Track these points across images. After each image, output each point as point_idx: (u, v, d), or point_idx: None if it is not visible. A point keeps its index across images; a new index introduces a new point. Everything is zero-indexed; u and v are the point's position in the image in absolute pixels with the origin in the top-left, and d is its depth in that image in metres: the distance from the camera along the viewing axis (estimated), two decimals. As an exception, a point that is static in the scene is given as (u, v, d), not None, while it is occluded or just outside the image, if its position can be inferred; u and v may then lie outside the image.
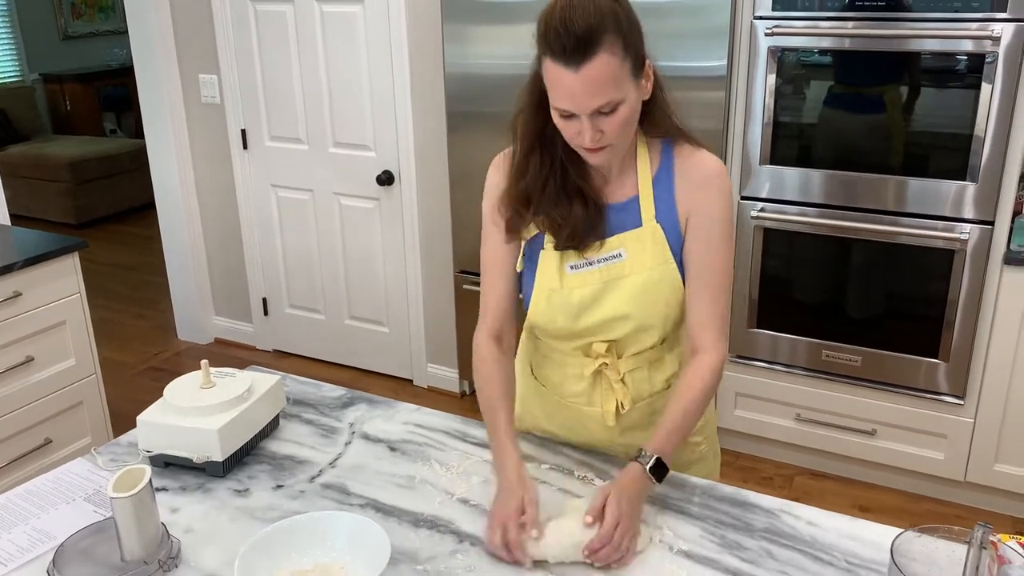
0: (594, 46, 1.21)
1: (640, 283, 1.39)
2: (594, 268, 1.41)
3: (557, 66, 1.24)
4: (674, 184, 1.40)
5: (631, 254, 1.40)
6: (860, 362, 2.84)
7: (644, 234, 1.39)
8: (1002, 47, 2.39)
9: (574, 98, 1.25)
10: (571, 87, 1.24)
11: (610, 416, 1.50)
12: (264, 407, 1.58)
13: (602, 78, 1.23)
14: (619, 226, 1.41)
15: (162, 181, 4.03)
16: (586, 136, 1.27)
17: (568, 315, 1.43)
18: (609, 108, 1.26)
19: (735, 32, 2.70)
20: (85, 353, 2.86)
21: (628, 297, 1.40)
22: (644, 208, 1.40)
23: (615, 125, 1.28)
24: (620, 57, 1.24)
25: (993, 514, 2.80)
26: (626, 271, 1.40)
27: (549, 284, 1.43)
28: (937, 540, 1.13)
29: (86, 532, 1.28)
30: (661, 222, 1.40)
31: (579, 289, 1.41)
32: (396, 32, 3.29)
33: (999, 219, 2.54)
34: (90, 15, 7.70)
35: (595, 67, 1.22)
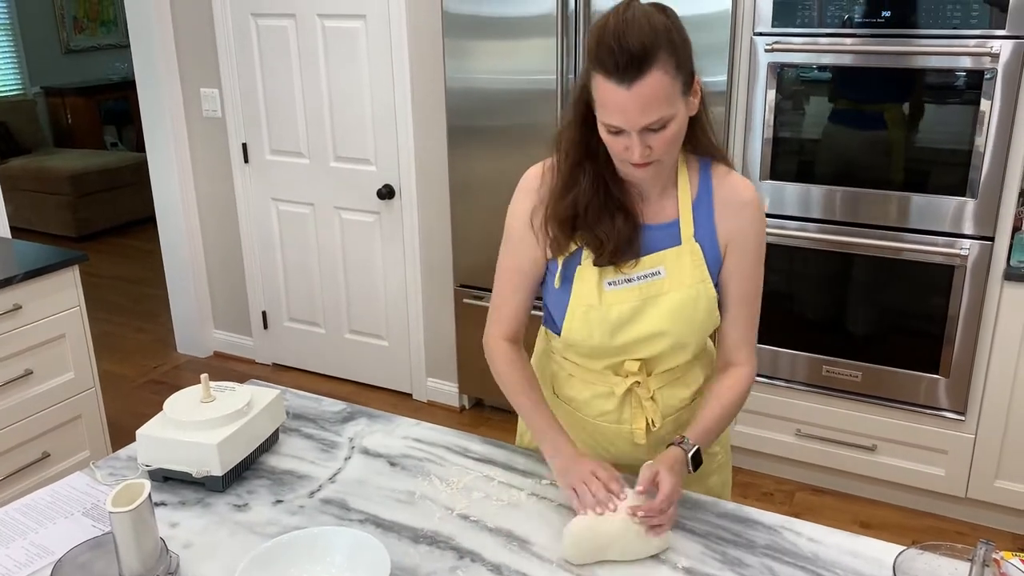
0: (647, 64, 1.22)
1: (679, 300, 1.41)
2: (633, 285, 1.41)
3: (609, 83, 1.24)
4: (714, 209, 1.42)
5: (670, 272, 1.41)
6: (860, 377, 2.83)
7: (683, 252, 1.41)
8: (1001, 64, 2.40)
9: (625, 115, 1.25)
10: (623, 104, 1.24)
11: (640, 434, 1.51)
12: (264, 421, 1.57)
13: (654, 96, 1.23)
14: (659, 245, 1.42)
15: (163, 195, 4.03)
16: (635, 152, 1.27)
17: (605, 331, 1.43)
18: (659, 125, 1.27)
19: (735, 48, 2.71)
20: (84, 366, 2.86)
21: (666, 314, 1.41)
22: (684, 227, 1.41)
23: (664, 142, 1.29)
24: (672, 75, 1.25)
25: (994, 530, 2.79)
26: (665, 288, 1.41)
27: (587, 300, 1.42)
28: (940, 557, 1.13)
29: (84, 547, 1.27)
30: (700, 241, 1.42)
31: (617, 306, 1.42)
32: (397, 47, 3.31)
33: (999, 235, 2.55)
34: (92, 29, 7.73)
35: (648, 85, 1.22)
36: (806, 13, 2.61)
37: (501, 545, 1.34)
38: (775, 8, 2.63)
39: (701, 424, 1.43)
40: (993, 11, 2.38)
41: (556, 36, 2.90)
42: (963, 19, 2.42)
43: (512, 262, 1.50)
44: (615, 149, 1.31)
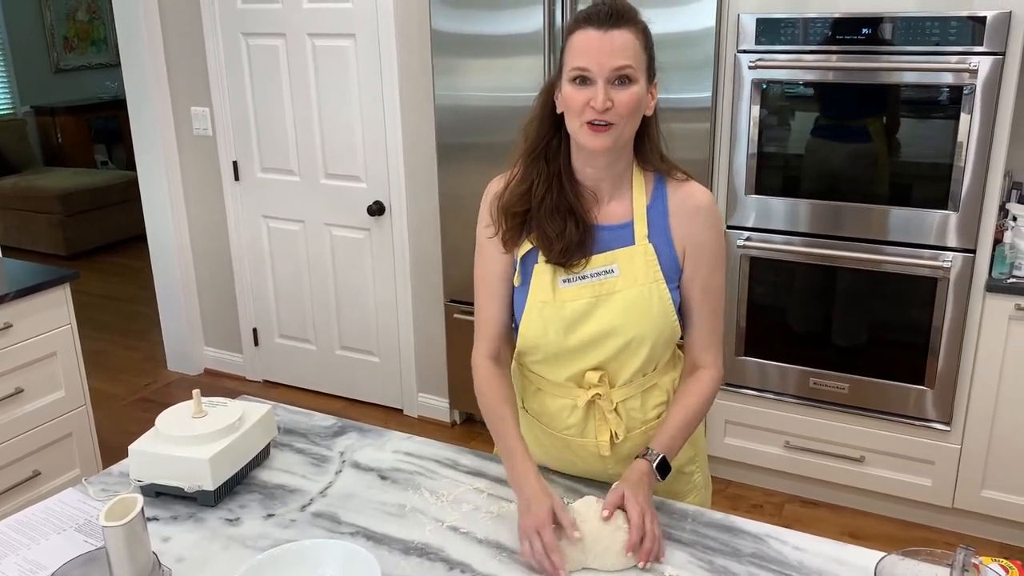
0: (626, 21, 1.34)
1: (631, 298, 1.44)
2: (587, 282, 1.45)
3: (585, 31, 1.34)
4: (668, 215, 1.46)
5: (623, 270, 1.44)
6: (847, 389, 2.86)
7: (636, 252, 1.44)
8: (979, 79, 2.44)
9: (597, 54, 1.32)
10: (596, 44, 1.33)
11: (605, 446, 1.52)
12: (255, 436, 1.59)
13: (626, 45, 1.33)
14: (612, 244, 1.45)
15: (153, 213, 4.04)
16: (599, 97, 1.32)
17: (559, 328, 1.45)
18: (624, 77, 1.33)
19: (719, 65, 2.75)
20: (75, 384, 2.86)
21: (619, 311, 1.44)
22: (638, 228, 1.45)
23: (626, 98, 1.34)
24: (642, 47, 1.36)
25: (981, 540, 2.81)
26: (618, 286, 1.44)
27: (542, 296, 1.46)
28: (920, 563, 1.15)
29: (77, 562, 1.28)
30: (654, 243, 1.45)
31: (571, 302, 1.45)
32: (386, 65, 3.34)
33: (980, 247, 2.58)
34: (82, 48, 7.76)
35: (621, 35, 1.33)
36: (789, 31, 2.65)
37: (491, 556, 1.36)
38: (758, 26, 2.68)
39: (666, 432, 1.45)
40: (971, 28, 2.42)
41: (543, 54, 2.94)
42: (942, 36, 2.47)
43: (482, 271, 1.54)
44: (577, 104, 1.35)
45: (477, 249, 1.54)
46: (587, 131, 1.36)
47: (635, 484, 1.36)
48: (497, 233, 1.48)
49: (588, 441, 1.54)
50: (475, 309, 1.57)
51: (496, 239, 1.49)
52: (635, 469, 1.40)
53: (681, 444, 1.47)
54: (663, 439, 1.44)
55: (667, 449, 1.43)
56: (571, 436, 1.54)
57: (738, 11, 2.69)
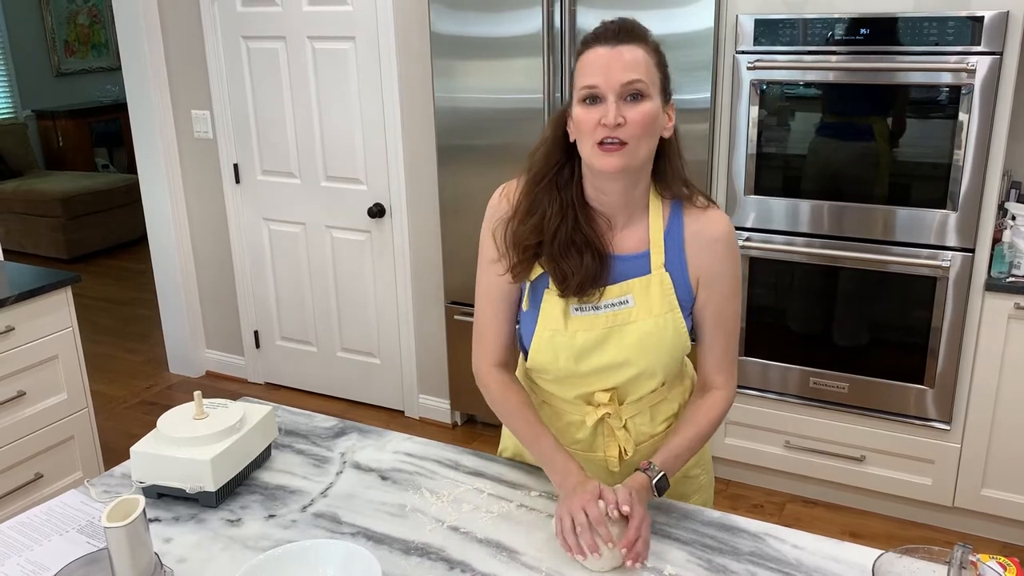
0: (636, 38, 1.31)
1: (645, 330, 1.40)
2: (600, 313, 1.41)
3: (595, 48, 1.31)
4: (684, 243, 1.42)
5: (639, 300, 1.40)
6: (847, 389, 2.86)
7: (652, 281, 1.40)
8: (978, 79, 2.45)
9: (608, 70, 1.28)
10: (606, 59, 1.29)
11: (613, 462, 1.51)
12: (256, 437, 1.59)
13: (635, 60, 1.30)
14: (628, 274, 1.41)
15: (154, 216, 4.06)
16: (610, 113, 1.27)
17: (570, 357, 1.42)
18: (636, 93, 1.29)
19: (718, 66, 2.76)
20: (77, 387, 2.87)
21: (632, 344, 1.41)
22: (654, 257, 1.41)
23: (638, 115, 1.29)
24: (654, 63, 1.33)
25: (982, 539, 2.81)
26: (632, 317, 1.40)
27: (553, 325, 1.42)
28: (918, 560, 1.15)
29: (79, 563, 1.29)
30: (670, 271, 1.41)
31: (583, 332, 1.41)
32: (386, 68, 3.35)
33: (979, 246, 2.59)
34: (83, 52, 7.77)
35: (631, 50, 1.30)
36: (788, 31, 2.66)
37: (491, 556, 1.36)
38: (757, 27, 2.68)
39: (671, 450, 1.43)
40: (969, 28, 2.43)
41: (542, 55, 2.94)
42: (940, 36, 2.47)
43: (488, 286, 1.49)
44: (588, 124, 1.30)
45: (480, 267, 1.50)
46: (599, 151, 1.30)
47: (638, 491, 1.35)
48: (508, 269, 1.42)
49: (596, 456, 1.53)
50: (476, 319, 1.53)
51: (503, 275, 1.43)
52: (634, 480, 1.38)
53: (683, 464, 1.46)
54: (667, 456, 1.42)
55: (669, 467, 1.41)
56: (579, 450, 1.53)
57: (736, 12, 2.70)
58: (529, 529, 1.42)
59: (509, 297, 1.48)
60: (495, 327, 1.50)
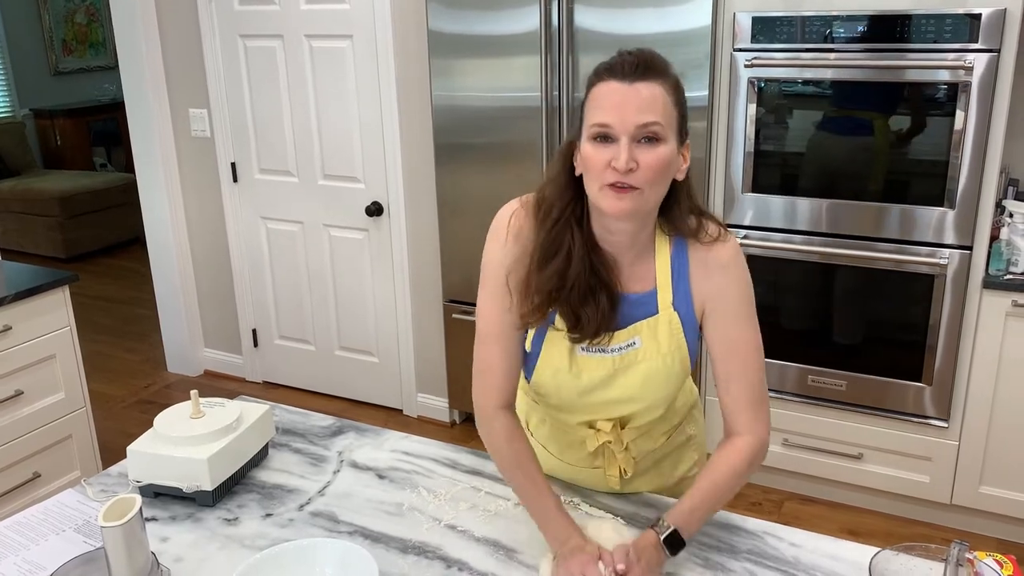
0: (654, 74, 1.22)
1: (653, 369, 1.35)
2: (608, 355, 1.35)
3: (609, 82, 1.21)
4: (689, 275, 1.35)
5: (646, 341, 1.35)
6: (845, 387, 2.87)
7: (660, 321, 1.35)
8: (975, 77, 2.45)
9: (621, 110, 1.19)
10: (621, 97, 1.19)
11: (615, 480, 1.49)
12: (253, 436, 1.59)
13: (652, 99, 1.20)
14: (635, 316, 1.35)
15: (152, 215, 4.05)
16: (621, 157, 1.18)
17: (573, 392, 1.39)
18: (651, 136, 1.20)
19: (715, 64, 2.76)
20: (75, 386, 2.86)
21: (638, 382, 1.36)
22: (662, 295, 1.35)
23: (651, 161, 1.20)
24: (672, 103, 1.23)
25: (980, 536, 2.81)
26: (639, 358, 1.35)
27: (556, 364, 1.37)
28: (915, 558, 1.15)
29: (76, 562, 1.29)
30: (678, 310, 1.35)
31: (589, 372, 1.36)
32: (384, 66, 3.34)
33: (977, 244, 2.59)
34: (81, 51, 7.76)
35: (649, 87, 1.20)
36: (785, 29, 2.66)
37: (488, 554, 1.36)
38: (755, 24, 2.68)
39: (686, 503, 1.32)
40: (967, 25, 2.43)
41: (540, 53, 2.94)
42: (938, 33, 2.47)
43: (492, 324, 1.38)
44: (597, 165, 1.21)
45: (483, 284, 1.38)
46: (607, 193, 1.22)
47: (640, 549, 1.26)
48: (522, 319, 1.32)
49: (597, 473, 1.51)
50: (479, 357, 1.41)
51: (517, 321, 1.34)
52: (643, 537, 1.28)
53: (702, 520, 1.33)
54: (680, 511, 1.30)
55: (683, 524, 1.29)
56: (581, 467, 1.52)
57: (734, 9, 2.70)
58: (526, 528, 1.41)
59: (512, 335, 1.38)
60: (501, 367, 1.39)
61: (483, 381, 1.41)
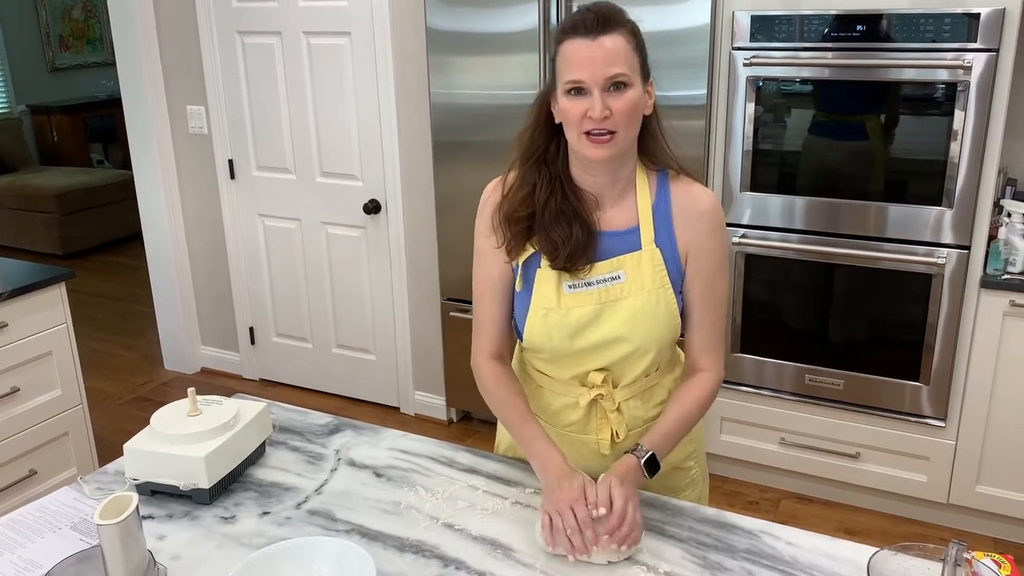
0: (613, 25, 1.32)
1: (638, 306, 1.42)
2: (592, 289, 1.43)
3: (576, 40, 1.32)
4: (672, 216, 1.44)
5: (630, 276, 1.42)
6: (843, 386, 2.87)
7: (643, 257, 1.43)
8: (974, 76, 2.45)
9: (591, 65, 1.30)
10: (589, 54, 1.31)
11: (605, 444, 1.52)
12: (250, 434, 1.59)
13: (617, 51, 1.31)
14: (619, 249, 1.43)
15: (149, 211, 4.04)
16: (596, 107, 1.30)
17: (564, 335, 1.44)
18: (620, 83, 1.32)
19: (714, 62, 2.75)
20: (71, 384, 2.86)
21: (625, 319, 1.42)
22: (644, 233, 1.43)
23: (623, 105, 1.32)
24: (633, 48, 1.34)
25: (976, 535, 2.82)
26: (624, 293, 1.42)
27: (546, 303, 1.44)
28: (913, 558, 1.15)
29: (72, 560, 1.28)
30: (660, 247, 1.43)
31: (576, 309, 1.43)
32: (382, 63, 3.34)
33: (975, 243, 2.59)
34: (77, 47, 7.74)
35: (612, 39, 1.32)
36: (784, 28, 2.65)
37: (485, 553, 1.36)
38: (753, 23, 2.68)
39: (658, 429, 1.45)
40: (966, 24, 2.43)
41: (538, 51, 2.94)
42: (937, 32, 2.47)
43: (483, 275, 1.52)
44: (574, 116, 1.33)
45: (476, 255, 1.53)
46: (587, 142, 1.35)
47: (621, 476, 1.36)
48: (501, 244, 1.46)
49: (589, 438, 1.54)
50: (474, 311, 1.56)
51: (498, 248, 1.47)
52: (623, 463, 1.40)
53: (673, 444, 1.47)
54: (655, 438, 1.43)
55: (657, 448, 1.42)
56: (572, 432, 1.55)
57: (733, 8, 2.69)
58: (524, 526, 1.41)
59: (504, 286, 1.50)
60: (491, 317, 1.52)
61: (475, 334, 1.55)
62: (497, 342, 1.54)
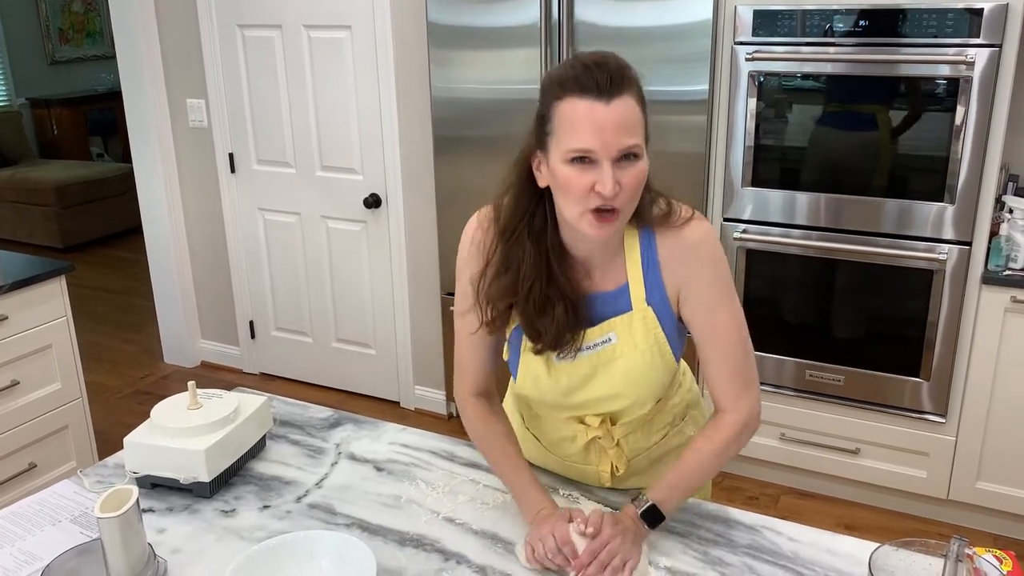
0: (625, 86, 1.18)
1: (632, 364, 1.35)
2: (583, 355, 1.35)
3: (584, 101, 1.16)
4: (660, 266, 1.33)
5: (622, 337, 1.35)
6: (843, 381, 2.86)
7: (635, 318, 1.34)
8: (976, 72, 2.44)
9: (603, 134, 1.16)
10: (600, 121, 1.15)
11: (606, 477, 1.49)
12: (251, 428, 1.59)
13: (630, 117, 1.18)
14: (609, 312, 1.35)
15: (149, 205, 4.04)
16: (608, 183, 1.16)
17: (558, 394, 1.39)
18: (631, 154, 1.18)
19: (716, 57, 2.75)
20: (71, 377, 2.86)
21: (619, 379, 1.36)
22: (634, 292, 1.34)
23: (633, 180, 1.19)
24: (642, 111, 1.20)
25: (976, 531, 2.82)
26: (617, 354, 1.35)
27: (535, 372, 1.38)
28: (914, 553, 1.15)
29: (72, 553, 1.28)
30: (652, 305, 1.34)
31: (567, 376, 1.37)
32: (383, 57, 3.33)
33: (976, 239, 2.59)
34: (77, 40, 7.73)
35: (625, 104, 1.17)
36: (786, 22, 2.65)
37: (486, 547, 1.36)
38: (755, 18, 2.67)
39: (666, 479, 1.35)
40: (968, 20, 2.42)
41: (540, 46, 2.93)
42: (939, 28, 2.47)
43: (463, 326, 1.42)
44: (579, 189, 1.19)
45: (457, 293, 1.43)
46: (591, 220, 1.21)
47: (619, 518, 1.30)
48: (481, 323, 1.36)
49: (590, 469, 1.51)
50: (456, 348, 1.47)
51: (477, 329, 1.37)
52: (623, 511, 1.33)
53: (682, 497, 1.37)
54: (660, 487, 1.34)
55: (662, 499, 1.32)
56: (573, 463, 1.52)
57: (735, 3, 2.68)
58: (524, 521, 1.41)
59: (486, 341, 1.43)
60: (474, 358, 1.45)
61: (458, 372, 1.49)
62: (480, 382, 1.47)
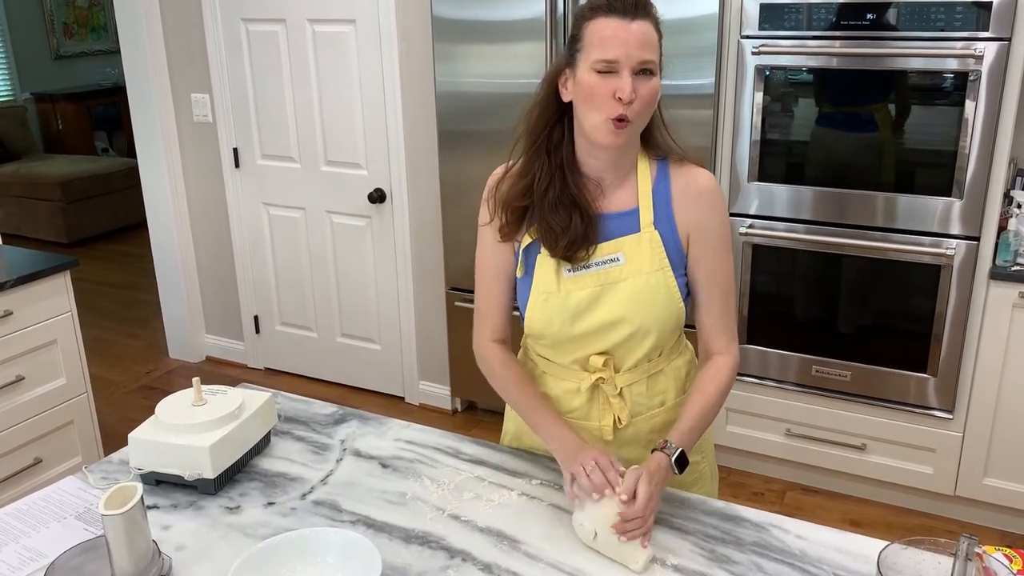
0: (646, 12, 1.36)
1: (637, 287, 1.43)
2: (591, 271, 1.44)
3: (611, 19, 1.33)
4: (671, 198, 1.45)
5: (629, 258, 1.43)
6: (850, 377, 2.85)
7: (642, 239, 1.43)
8: (985, 65, 2.42)
9: (626, 47, 1.31)
10: (625, 37, 1.31)
11: (607, 430, 1.52)
12: (255, 424, 1.58)
13: (649, 37, 1.34)
14: (617, 232, 1.44)
15: (154, 200, 4.03)
16: (626, 88, 1.30)
17: (565, 319, 1.45)
18: (649, 68, 1.33)
19: (722, 51, 2.73)
20: (76, 372, 2.86)
21: (624, 300, 1.43)
22: (643, 215, 1.44)
23: (647, 92, 1.33)
24: (658, 38, 1.37)
25: (983, 528, 2.81)
26: (623, 275, 1.43)
27: (546, 288, 1.45)
28: (923, 552, 1.14)
29: (77, 550, 1.28)
30: (659, 229, 1.44)
31: (576, 292, 1.44)
32: (387, 51, 3.32)
33: (984, 235, 2.57)
34: (82, 35, 7.73)
35: (646, 25, 1.34)
36: (793, 16, 2.63)
37: (492, 544, 1.35)
38: (762, 11, 2.65)
39: (684, 423, 1.43)
40: (977, 13, 2.40)
41: (545, 40, 2.92)
42: (947, 21, 2.45)
43: (484, 260, 1.54)
44: (602, 94, 1.33)
45: (479, 239, 1.54)
46: (608, 127, 1.34)
47: (652, 472, 1.35)
48: (497, 226, 1.47)
49: (591, 424, 1.53)
50: (476, 296, 1.57)
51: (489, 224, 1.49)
52: (654, 460, 1.38)
53: (699, 435, 1.46)
54: (681, 432, 1.42)
55: (685, 443, 1.41)
56: (575, 419, 1.54)
57: (741, -4, 2.67)
58: (531, 518, 1.41)
59: (507, 272, 1.52)
60: (493, 303, 1.54)
61: (477, 321, 1.57)
62: (500, 328, 1.56)
